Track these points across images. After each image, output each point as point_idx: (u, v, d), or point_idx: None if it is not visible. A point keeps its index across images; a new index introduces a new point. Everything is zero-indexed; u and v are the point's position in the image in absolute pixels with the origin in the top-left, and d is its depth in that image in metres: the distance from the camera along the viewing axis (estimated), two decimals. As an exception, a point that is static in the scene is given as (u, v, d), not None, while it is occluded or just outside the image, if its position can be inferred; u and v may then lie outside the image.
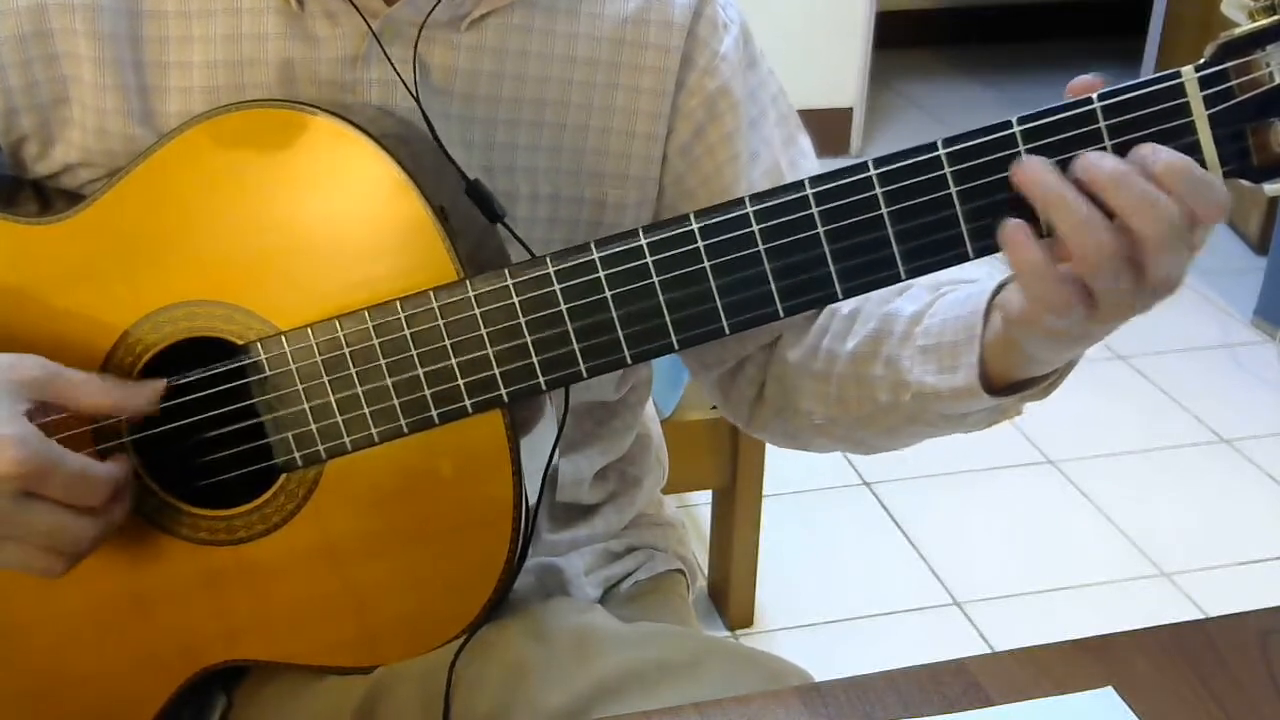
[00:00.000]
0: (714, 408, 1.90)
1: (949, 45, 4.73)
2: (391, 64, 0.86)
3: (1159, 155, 0.69)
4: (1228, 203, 0.70)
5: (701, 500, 2.17)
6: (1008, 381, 0.82)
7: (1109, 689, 0.76)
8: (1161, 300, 0.73)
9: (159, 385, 0.81)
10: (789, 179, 0.95)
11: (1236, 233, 3.34)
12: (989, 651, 1.97)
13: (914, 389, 0.86)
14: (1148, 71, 3.84)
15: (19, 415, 0.74)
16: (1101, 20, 4.68)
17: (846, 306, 0.93)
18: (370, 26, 0.85)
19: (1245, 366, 2.87)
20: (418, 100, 0.85)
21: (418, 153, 0.83)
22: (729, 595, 2.07)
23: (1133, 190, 0.68)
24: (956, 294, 0.86)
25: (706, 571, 2.11)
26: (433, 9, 0.86)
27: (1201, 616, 1.99)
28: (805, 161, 0.99)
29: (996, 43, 4.74)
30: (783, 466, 2.22)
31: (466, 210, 0.84)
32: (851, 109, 3.80)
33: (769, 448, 1.93)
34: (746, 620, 2.08)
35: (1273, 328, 2.95)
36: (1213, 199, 0.69)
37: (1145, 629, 0.81)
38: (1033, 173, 0.70)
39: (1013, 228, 0.71)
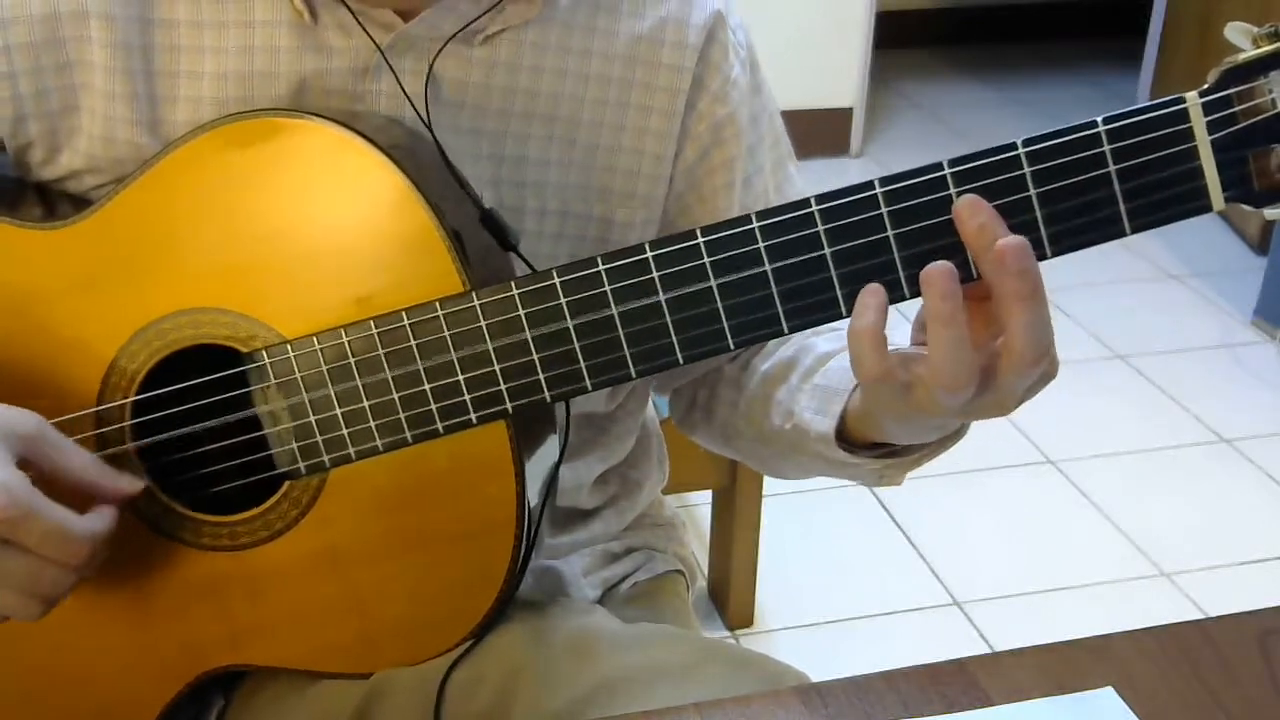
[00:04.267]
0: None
1: (949, 45, 4.73)
2: (400, 83, 0.86)
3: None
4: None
5: (701, 500, 2.17)
6: (863, 441, 0.84)
7: (1109, 689, 0.76)
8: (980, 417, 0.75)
9: (140, 484, 0.80)
10: (774, 204, 0.96)
11: (1236, 233, 3.35)
12: (989, 651, 1.97)
13: (795, 419, 0.89)
14: (1147, 72, 3.86)
15: (8, 462, 0.73)
16: (1101, 20, 4.68)
17: None
18: (377, 44, 0.85)
19: (1245, 366, 2.87)
20: (428, 124, 0.85)
21: (426, 164, 0.82)
22: (729, 595, 2.07)
23: (1026, 286, 0.70)
24: None
25: (706, 571, 2.11)
26: (456, 34, 0.86)
27: (1201, 616, 1.99)
28: (789, 187, 1.01)
29: (996, 43, 4.74)
30: (783, 467, 2.21)
31: (476, 226, 0.84)
32: (851, 109, 3.80)
33: (769, 448, 1.93)
34: (746, 620, 2.08)
35: (1273, 328, 2.95)
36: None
37: (1145, 629, 0.81)
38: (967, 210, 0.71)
39: (869, 291, 0.72)
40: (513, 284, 0.77)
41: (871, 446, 0.85)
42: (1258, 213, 0.72)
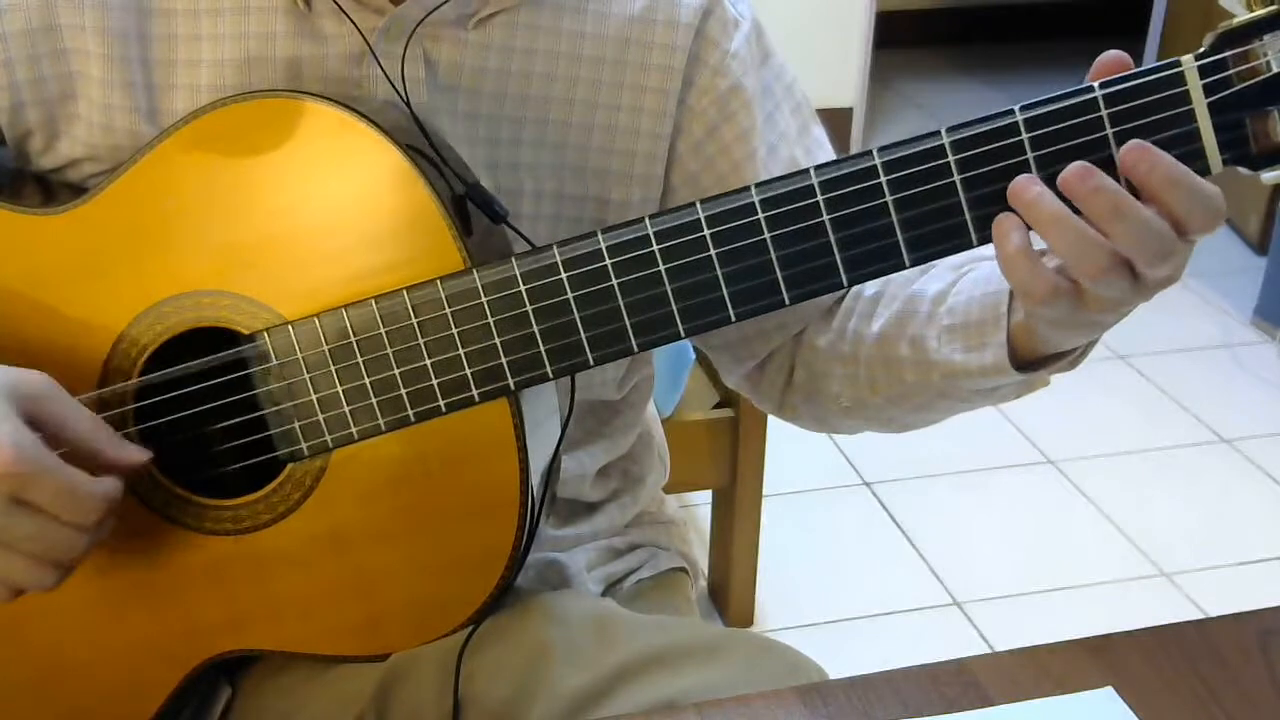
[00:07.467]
0: (715, 407, 1.91)
1: (949, 45, 4.72)
2: (381, 67, 0.86)
3: (1155, 167, 0.69)
4: (1222, 212, 0.70)
5: (701, 500, 2.17)
6: (1035, 357, 0.82)
7: (1109, 689, 0.76)
8: (1159, 292, 0.73)
9: (146, 454, 0.79)
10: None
11: (1236, 233, 3.34)
12: (989, 651, 1.97)
13: (942, 368, 0.86)
14: (1148, 72, 3.85)
15: (16, 418, 0.73)
16: (1101, 20, 4.67)
17: (871, 288, 0.93)
18: (363, 34, 0.85)
19: (1245, 366, 2.87)
20: (406, 100, 0.85)
21: (422, 145, 0.83)
22: (729, 595, 2.07)
23: (1103, 207, 0.69)
24: (979, 271, 0.86)
25: (706, 571, 2.11)
26: (436, 7, 0.86)
27: (1201, 616, 1.99)
28: (820, 151, 1.00)
29: (996, 43, 4.74)
30: (783, 466, 2.22)
31: (472, 207, 0.84)
32: (851, 109, 3.80)
33: (769, 447, 1.93)
34: (746, 620, 2.08)
35: (1273, 328, 2.95)
36: (1208, 209, 0.69)
37: (1145, 629, 0.81)
38: (1023, 192, 0.71)
39: (1001, 219, 0.72)
40: (513, 260, 0.78)
41: (1038, 361, 0.83)
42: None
